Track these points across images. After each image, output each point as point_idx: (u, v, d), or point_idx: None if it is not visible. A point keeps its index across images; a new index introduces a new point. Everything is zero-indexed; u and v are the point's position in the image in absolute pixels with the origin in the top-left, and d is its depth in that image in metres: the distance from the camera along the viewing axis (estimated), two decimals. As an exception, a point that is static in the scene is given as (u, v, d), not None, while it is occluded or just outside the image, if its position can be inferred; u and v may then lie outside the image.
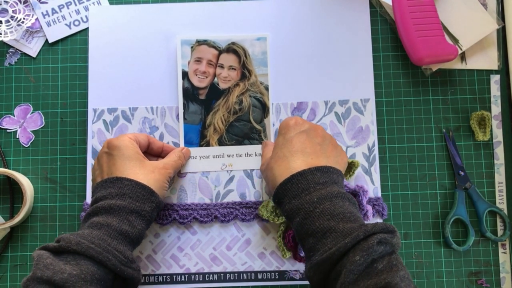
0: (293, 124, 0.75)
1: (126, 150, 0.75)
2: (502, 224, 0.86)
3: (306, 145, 0.73)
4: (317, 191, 0.68)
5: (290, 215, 0.69)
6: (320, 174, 0.69)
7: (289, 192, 0.69)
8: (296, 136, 0.74)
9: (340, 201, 0.67)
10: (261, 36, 0.87)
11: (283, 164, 0.72)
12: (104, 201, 0.71)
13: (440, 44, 0.83)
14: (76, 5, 0.90)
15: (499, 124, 0.87)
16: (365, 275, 0.60)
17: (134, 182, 0.72)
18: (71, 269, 0.63)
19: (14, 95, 0.88)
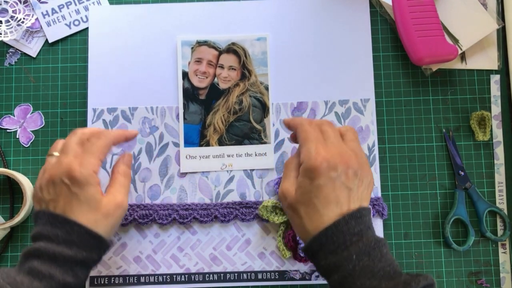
0: (324, 168, 0.66)
1: (87, 191, 0.67)
2: (502, 224, 0.86)
3: (339, 194, 0.66)
4: (354, 244, 0.63)
5: (327, 271, 0.65)
6: (355, 223, 0.65)
7: (325, 247, 0.65)
8: (326, 185, 0.66)
9: (378, 253, 0.63)
10: (261, 36, 0.87)
11: (315, 217, 0.66)
12: (49, 244, 0.65)
13: (440, 44, 0.83)
14: (76, 5, 0.90)
15: (499, 124, 0.87)
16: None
17: (84, 230, 0.66)
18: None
19: (14, 95, 0.88)
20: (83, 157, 0.69)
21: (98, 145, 0.71)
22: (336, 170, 0.66)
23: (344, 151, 0.68)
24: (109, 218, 0.69)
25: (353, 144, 0.71)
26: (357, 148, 0.71)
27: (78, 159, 0.68)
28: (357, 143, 0.72)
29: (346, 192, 0.66)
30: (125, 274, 0.84)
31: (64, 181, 0.67)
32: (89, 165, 0.68)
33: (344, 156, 0.67)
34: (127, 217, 0.83)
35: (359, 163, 0.68)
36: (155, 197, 0.85)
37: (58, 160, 0.69)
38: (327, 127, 0.71)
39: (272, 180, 0.85)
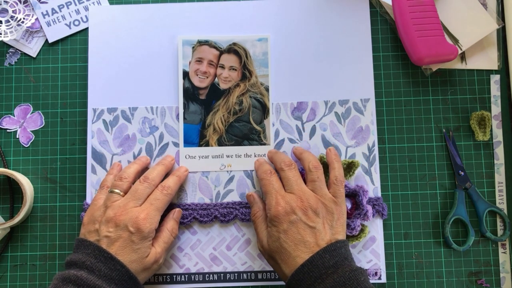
0: (284, 215, 0.73)
1: (144, 244, 0.74)
2: (502, 224, 0.86)
3: (304, 235, 0.72)
4: (329, 276, 0.68)
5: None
6: (329, 256, 0.70)
7: (302, 282, 0.69)
8: (290, 228, 0.73)
9: (354, 283, 0.67)
10: (262, 37, 0.87)
11: (289, 260, 0.71)
12: (90, 276, 0.69)
13: (440, 44, 0.83)
14: (76, 5, 0.90)
15: (499, 124, 0.87)
16: None
17: (125, 270, 0.71)
18: None
19: (14, 95, 0.88)
20: (150, 211, 0.76)
21: (164, 202, 0.78)
22: (295, 213, 0.73)
23: (302, 194, 0.75)
24: (146, 271, 0.75)
25: (314, 185, 0.76)
26: (319, 188, 0.76)
27: (146, 212, 0.75)
28: (319, 183, 0.77)
29: (310, 231, 0.72)
30: (125, 274, 0.84)
31: (129, 229, 0.73)
32: (154, 221, 0.76)
33: (302, 198, 0.74)
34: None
35: (320, 201, 0.74)
36: (155, 197, 0.85)
37: (126, 204, 0.76)
38: (288, 173, 0.78)
39: (272, 180, 0.85)
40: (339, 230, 0.74)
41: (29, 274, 0.85)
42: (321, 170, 0.78)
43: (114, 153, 0.86)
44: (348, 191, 0.81)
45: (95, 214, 0.76)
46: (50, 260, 0.85)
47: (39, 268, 0.85)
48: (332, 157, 0.80)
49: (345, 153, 0.85)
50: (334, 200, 0.75)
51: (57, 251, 0.85)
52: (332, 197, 0.76)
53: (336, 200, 0.75)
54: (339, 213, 0.75)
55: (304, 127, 0.86)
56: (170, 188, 0.79)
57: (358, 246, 0.84)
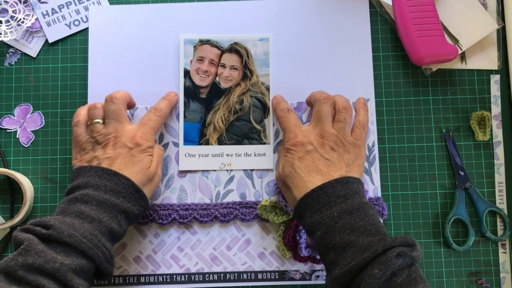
0: (300, 144, 0.76)
1: (144, 156, 0.77)
2: (502, 224, 0.86)
3: (318, 163, 0.74)
4: (338, 205, 0.69)
5: (311, 229, 0.70)
6: (341, 187, 0.71)
7: (310, 206, 0.70)
8: (305, 156, 0.75)
9: (361, 213, 0.68)
10: (263, 37, 0.87)
11: (300, 184, 0.73)
12: (97, 192, 0.70)
13: (440, 44, 0.83)
14: (76, 5, 0.90)
15: (499, 124, 0.87)
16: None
17: (131, 183, 0.73)
18: (63, 259, 0.63)
19: (14, 95, 0.88)
20: (145, 129, 0.79)
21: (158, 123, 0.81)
22: (311, 144, 0.76)
23: (324, 131, 0.77)
24: (151, 183, 0.77)
25: (339, 125, 0.77)
26: (342, 130, 0.77)
27: (141, 130, 0.78)
28: (344, 124, 0.77)
29: (325, 162, 0.74)
30: (125, 274, 0.84)
31: (128, 145, 0.76)
32: (150, 138, 0.79)
33: (322, 135, 0.76)
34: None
35: (339, 140, 0.76)
36: (155, 197, 0.85)
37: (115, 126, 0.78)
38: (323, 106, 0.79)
39: (272, 180, 0.85)
40: (355, 170, 0.76)
41: (29, 274, 0.85)
42: (350, 112, 0.79)
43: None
44: (348, 191, 0.81)
45: (87, 147, 0.77)
46: (50, 260, 0.85)
47: (39, 268, 0.85)
48: (359, 105, 0.83)
49: (345, 153, 0.86)
50: (354, 142, 0.77)
51: (57, 251, 0.85)
52: (353, 139, 0.77)
53: (356, 142, 0.77)
54: (357, 155, 0.77)
55: (304, 127, 0.86)
56: (162, 110, 0.82)
57: (358, 246, 0.84)
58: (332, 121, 0.78)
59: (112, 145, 0.76)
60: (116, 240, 0.72)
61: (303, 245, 0.81)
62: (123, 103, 0.80)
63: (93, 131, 0.77)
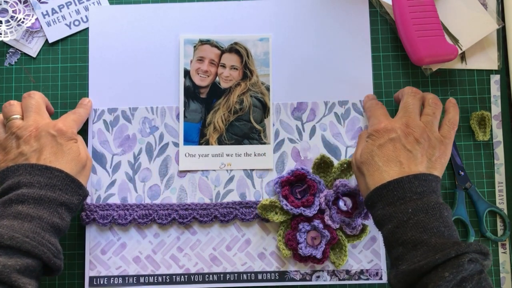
0: (383, 130, 0.74)
1: (72, 143, 0.76)
2: (502, 224, 0.86)
3: (399, 154, 0.72)
4: (413, 201, 0.67)
5: (382, 220, 0.69)
6: (418, 183, 0.68)
7: (384, 198, 0.69)
8: (386, 144, 0.73)
9: (437, 213, 0.66)
10: (263, 37, 0.87)
11: (376, 174, 0.71)
12: (31, 189, 0.69)
13: (440, 44, 0.83)
14: (76, 5, 0.90)
15: (499, 124, 0.87)
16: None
17: (65, 174, 0.71)
18: (5, 261, 0.62)
19: (14, 95, 0.88)
20: (66, 119, 0.79)
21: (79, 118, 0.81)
22: (396, 132, 0.73)
23: (411, 121, 0.74)
24: (85, 169, 0.77)
25: (427, 118, 0.75)
26: (430, 123, 0.75)
27: (62, 120, 0.78)
28: (433, 118, 0.75)
29: (406, 153, 0.71)
30: (124, 275, 0.84)
31: (51, 133, 0.74)
32: (73, 126, 0.78)
33: (409, 125, 0.74)
34: (126, 217, 0.83)
35: (426, 133, 0.73)
36: (155, 197, 0.85)
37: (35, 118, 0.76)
38: (410, 98, 0.77)
39: (272, 180, 0.85)
40: (436, 167, 0.73)
41: (28, 274, 0.85)
42: (440, 108, 0.77)
43: (115, 153, 0.86)
44: (348, 190, 0.81)
45: (7, 145, 0.75)
46: (50, 260, 0.85)
47: (39, 268, 0.85)
48: (450, 104, 0.80)
49: (345, 153, 0.86)
50: (441, 139, 0.74)
51: (57, 251, 0.85)
52: (440, 135, 0.75)
53: (443, 140, 0.75)
54: (441, 152, 0.74)
55: (304, 127, 0.86)
56: (80, 114, 0.83)
57: (358, 246, 0.84)
58: (419, 114, 0.76)
59: (34, 136, 0.74)
60: (60, 234, 0.71)
61: (304, 244, 0.81)
62: (42, 99, 0.79)
63: (12, 127, 0.75)
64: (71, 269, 0.85)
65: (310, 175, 0.83)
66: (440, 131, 0.76)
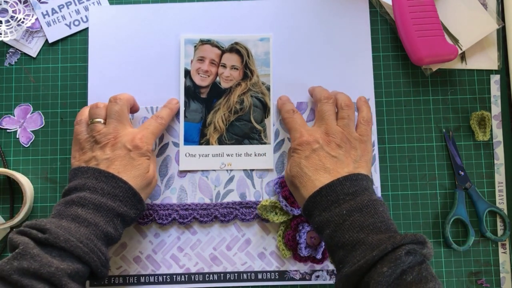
0: (305, 143, 0.75)
1: (143, 160, 0.76)
2: (502, 224, 0.86)
3: (325, 161, 0.73)
4: (347, 202, 0.68)
5: (320, 227, 0.70)
6: (350, 183, 0.70)
7: (319, 205, 0.70)
8: (311, 155, 0.74)
9: (371, 210, 0.67)
10: (264, 37, 0.87)
11: (308, 184, 0.72)
12: (94, 195, 0.70)
13: (440, 44, 0.83)
14: (76, 5, 0.90)
15: (499, 124, 0.87)
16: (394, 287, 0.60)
17: (128, 186, 0.72)
18: (58, 263, 0.63)
19: (14, 95, 0.88)
20: (146, 133, 0.78)
21: (158, 129, 0.80)
22: (317, 142, 0.75)
23: (329, 128, 0.76)
24: (149, 187, 0.78)
25: (343, 122, 0.77)
26: (347, 126, 0.77)
27: (142, 133, 0.78)
28: (348, 121, 0.78)
29: (331, 159, 0.74)
30: (125, 274, 0.84)
31: (127, 146, 0.75)
32: (150, 142, 0.78)
33: (328, 132, 0.76)
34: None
35: (345, 137, 0.76)
36: (155, 197, 0.85)
37: (116, 127, 0.77)
38: (325, 106, 0.79)
39: (272, 180, 0.85)
40: (362, 165, 0.75)
41: (29, 274, 0.85)
42: (352, 109, 0.79)
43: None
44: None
45: (85, 146, 0.77)
46: (50, 260, 0.85)
47: (39, 268, 0.85)
48: (361, 103, 0.82)
49: (345, 153, 0.86)
50: (359, 138, 0.77)
51: (57, 251, 0.85)
52: (358, 135, 0.77)
53: (361, 138, 0.77)
54: (363, 150, 0.77)
55: (304, 127, 0.86)
56: (164, 118, 0.82)
57: (358, 246, 0.84)
58: (335, 119, 0.78)
59: (111, 145, 0.75)
60: (111, 244, 0.72)
61: (303, 245, 0.81)
62: (126, 105, 0.79)
63: (93, 130, 0.77)
64: (71, 269, 0.85)
65: (310, 175, 0.83)
66: (357, 131, 0.78)
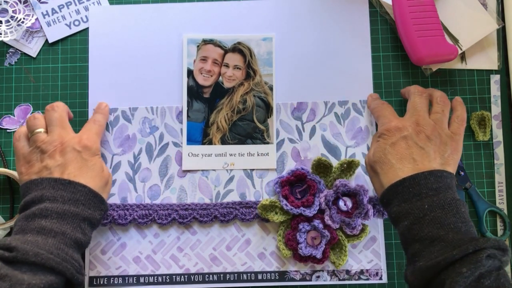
0: (394, 128, 0.74)
1: (96, 159, 0.76)
2: (502, 224, 0.86)
3: (412, 151, 0.72)
4: (429, 197, 0.67)
5: (397, 217, 0.69)
6: (434, 179, 0.68)
7: (400, 195, 0.69)
8: (399, 142, 0.73)
9: (453, 209, 0.66)
10: (267, 37, 0.87)
11: (390, 172, 0.71)
12: (55, 204, 0.69)
13: (440, 44, 0.83)
14: (76, 5, 0.90)
15: (499, 124, 0.87)
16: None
17: (88, 189, 0.72)
18: (30, 279, 0.62)
19: (14, 95, 0.88)
20: (90, 134, 0.79)
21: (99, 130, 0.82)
22: (407, 130, 0.74)
23: (421, 119, 0.75)
24: (107, 186, 0.78)
25: (436, 116, 0.76)
26: (440, 121, 0.75)
27: (86, 134, 0.78)
28: (442, 116, 0.76)
29: (419, 150, 0.72)
30: (124, 275, 0.84)
31: (76, 148, 0.75)
32: (96, 141, 0.79)
33: (419, 123, 0.74)
34: (126, 217, 0.83)
35: (436, 131, 0.74)
36: (155, 197, 0.85)
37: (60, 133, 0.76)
38: (418, 98, 0.78)
39: (272, 180, 0.85)
40: (450, 163, 0.73)
41: (28, 274, 0.85)
42: (448, 106, 0.78)
43: (114, 153, 0.86)
44: (349, 190, 0.81)
45: (32, 158, 0.75)
46: (50, 260, 0.85)
47: (39, 268, 0.85)
48: (457, 102, 0.80)
49: (345, 153, 0.86)
50: (451, 135, 0.75)
51: (57, 251, 0.85)
52: (450, 132, 0.75)
53: (453, 136, 0.75)
54: (453, 149, 0.74)
55: (304, 127, 0.86)
56: (100, 121, 0.83)
57: (359, 246, 0.84)
58: (428, 112, 0.77)
59: (59, 152, 0.74)
60: (82, 249, 0.71)
61: (304, 244, 0.81)
62: (65, 111, 0.79)
63: (37, 141, 0.76)
64: (71, 269, 0.85)
65: (310, 175, 0.83)
66: (450, 128, 0.76)
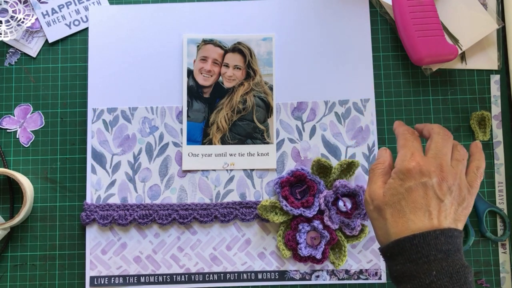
0: (417, 172, 0.65)
1: None
2: (502, 224, 0.86)
3: (429, 203, 0.64)
4: (438, 261, 0.61)
5: (400, 277, 0.63)
6: (444, 240, 0.62)
7: (407, 253, 0.62)
8: (417, 188, 0.64)
9: (461, 278, 0.60)
10: (267, 37, 0.87)
11: (401, 222, 0.64)
12: None
13: (440, 44, 0.83)
14: (76, 5, 0.90)
15: (499, 124, 0.87)
16: None
17: None
18: None
19: (14, 95, 0.88)
20: None
21: None
22: (429, 177, 0.64)
23: (445, 164, 0.66)
24: None
25: (457, 163, 0.67)
26: (461, 171, 0.67)
27: None
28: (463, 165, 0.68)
29: (437, 202, 0.64)
30: (125, 274, 0.84)
31: None
32: None
33: (443, 169, 0.65)
34: (127, 217, 0.83)
35: (457, 182, 0.66)
36: (155, 197, 0.85)
37: None
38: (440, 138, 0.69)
39: (272, 180, 0.85)
40: (461, 219, 0.66)
41: (29, 274, 0.85)
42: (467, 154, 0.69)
43: (114, 153, 0.86)
44: (348, 191, 0.81)
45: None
46: (50, 260, 0.85)
47: (39, 268, 0.85)
48: (476, 149, 0.71)
49: (345, 153, 0.86)
50: (469, 188, 0.67)
51: (57, 251, 0.85)
52: (468, 185, 0.67)
53: (471, 189, 0.67)
54: (468, 203, 0.66)
55: (304, 127, 0.86)
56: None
57: (358, 246, 0.84)
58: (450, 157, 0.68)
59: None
60: None
61: (303, 245, 0.81)
62: None
63: None
64: (71, 269, 0.85)
65: (310, 176, 0.83)
66: (467, 179, 0.68)
